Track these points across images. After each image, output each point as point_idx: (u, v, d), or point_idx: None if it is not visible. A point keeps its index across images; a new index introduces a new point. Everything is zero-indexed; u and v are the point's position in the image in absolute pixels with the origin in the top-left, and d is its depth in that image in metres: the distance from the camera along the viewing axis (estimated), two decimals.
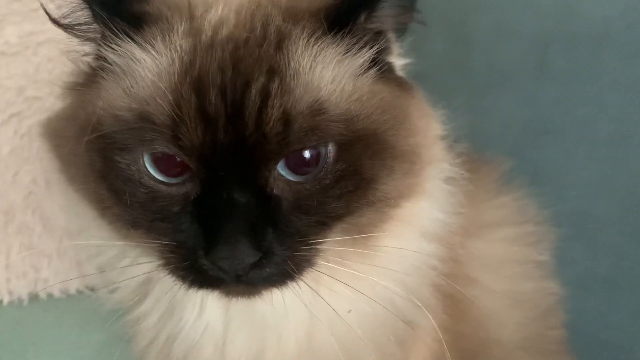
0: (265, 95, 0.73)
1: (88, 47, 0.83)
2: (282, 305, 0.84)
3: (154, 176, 0.77)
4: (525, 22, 1.41)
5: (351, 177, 0.77)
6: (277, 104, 0.73)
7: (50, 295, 1.55)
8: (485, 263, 1.02)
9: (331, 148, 0.77)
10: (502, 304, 1.03)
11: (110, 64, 0.79)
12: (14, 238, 1.49)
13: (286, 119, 0.73)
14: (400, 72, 0.88)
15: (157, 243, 0.78)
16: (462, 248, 0.94)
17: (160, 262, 0.80)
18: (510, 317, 1.04)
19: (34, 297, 1.52)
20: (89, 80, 0.82)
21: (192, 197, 0.77)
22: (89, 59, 0.84)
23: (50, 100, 1.49)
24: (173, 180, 0.77)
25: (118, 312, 0.96)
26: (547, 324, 1.12)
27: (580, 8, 1.33)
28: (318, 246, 0.79)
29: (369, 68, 0.81)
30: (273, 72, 0.74)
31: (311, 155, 0.76)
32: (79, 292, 1.57)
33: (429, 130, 0.87)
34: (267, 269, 0.76)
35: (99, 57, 0.81)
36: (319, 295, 0.81)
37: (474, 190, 0.94)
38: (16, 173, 1.48)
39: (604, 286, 1.33)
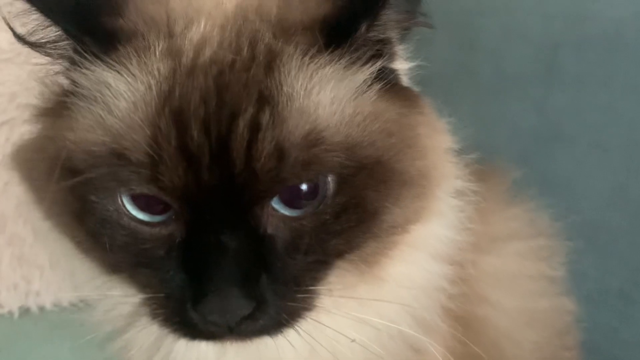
0: (254, 128, 0.65)
1: (58, 66, 0.74)
2: (282, 339, 0.77)
3: (134, 216, 0.69)
4: (534, 25, 1.38)
5: (354, 210, 0.70)
6: (269, 138, 0.65)
7: (42, 308, 1.52)
8: (498, 280, 0.96)
9: (330, 180, 0.69)
10: (517, 323, 0.97)
11: (81, 88, 0.71)
12: (5, 249, 1.46)
13: (279, 154, 0.66)
14: (405, 79, 0.80)
15: (142, 295, 0.73)
16: (473, 265, 0.87)
17: (147, 313, 0.73)
18: (526, 337, 0.98)
19: (25, 311, 1.49)
20: (59, 107, 0.74)
21: (177, 240, 0.69)
22: (60, 79, 0.75)
23: None
24: (156, 219, 0.70)
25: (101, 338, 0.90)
26: (563, 344, 1.06)
27: (590, 10, 1.30)
28: (315, 293, 0.73)
29: (371, 84, 0.72)
30: (263, 100, 0.66)
31: (308, 187, 0.69)
32: (72, 304, 1.53)
33: (438, 147, 0.79)
34: (261, 321, 0.69)
35: (70, 81, 0.73)
36: (321, 324, 0.75)
37: (483, 202, 0.87)
38: (7, 182, 1.45)
39: (617, 301, 1.30)
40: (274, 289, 0.69)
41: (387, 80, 0.74)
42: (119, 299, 0.80)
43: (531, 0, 1.39)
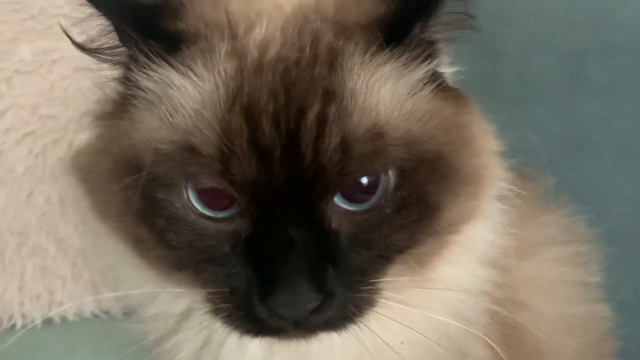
0: (322, 121, 0.67)
1: (116, 72, 0.77)
2: (329, 339, 0.77)
3: (200, 211, 0.70)
4: (559, 33, 1.38)
5: (415, 205, 0.71)
6: (335, 131, 0.67)
7: (64, 319, 1.51)
8: (536, 285, 0.96)
9: (391, 174, 0.70)
10: (557, 330, 0.96)
11: (143, 90, 0.73)
12: (28, 260, 1.46)
13: (345, 147, 0.67)
14: (451, 82, 0.82)
15: (206, 290, 0.73)
16: (516, 270, 0.88)
17: (210, 309, 0.74)
18: (565, 343, 0.97)
19: (47, 321, 1.49)
20: (119, 109, 0.76)
21: (244, 236, 0.70)
22: (117, 85, 0.77)
23: (65, 119, 1.47)
24: (221, 215, 0.71)
25: (139, 341, 0.89)
26: (601, 351, 1.06)
27: (617, 18, 1.30)
28: (379, 285, 0.73)
29: (426, 83, 0.75)
30: (329, 95, 0.68)
31: (369, 182, 0.70)
32: (94, 315, 1.53)
33: (489, 147, 0.81)
34: (328, 313, 0.70)
35: (129, 83, 0.75)
36: (370, 330, 0.75)
37: (524, 206, 0.88)
38: (30, 193, 1.46)
39: None
40: (340, 281, 0.69)
41: (439, 81, 0.76)
42: (168, 303, 0.81)
43: (557, 8, 1.39)
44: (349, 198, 0.70)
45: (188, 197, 0.70)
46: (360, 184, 0.70)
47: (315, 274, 0.68)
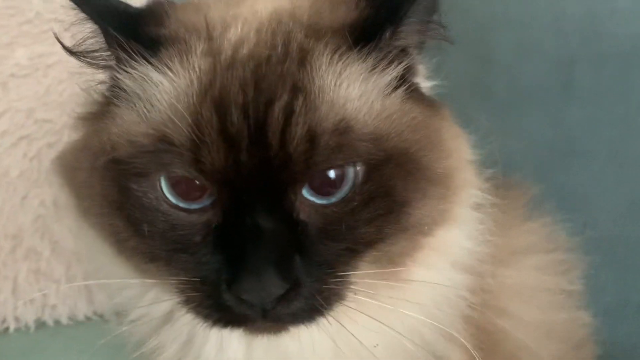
0: (289, 113, 0.71)
1: (102, 75, 0.81)
2: (307, 340, 0.79)
3: (172, 202, 0.73)
4: (549, 40, 1.38)
5: (382, 199, 0.73)
6: (302, 122, 0.70)
7: (57, 322, 1.51)
8: (517, 292, 0.97)
9: (359, 168, 0.73)
10: (535, 335, 0.97)
11: (125, 90, 0.77)
12: (22, 263, 1.47)
13: (311, 137, 0.70)
14: (427, 93, 0.85)
15: (177, 279, 0.74)
16: (493, 277, 0.89)
17: (181, 299, 0.75)
18: (544, 349, 0.98)
19: (40, 324, 1.49)
20: (102, 110, 0.80)
21: (214, 226, 0.73)
22: (102, 87, 0.82)
23: (60, 123, 1.48)
24: (193, 206, 0.73)
25: (130, 345, 0.91)
26: (580, 356, 1.07)
27: (607, 26, 1.31)
28: (348, 278, 0.74)
29: (396, 87, 0.78)
30: (297, 89, 0.72)
31: (336, 176, 0.72)
32: (88, 318, 1.53)
33: (461, 152, 0.83)
34: (295, 303, 0.71)
35: (113, 85, 0.79)
36: (345, 328, 0.77)
37: (502, 216, 0.89)
38: (25, 196, 1.46)
39: (636, 315, 1.29)
40: (307, 271, 0.71)
41: (411, 87, 0.79)
42: (154, 302, 0.82)
43: (546, 17, 1.40)
44: (317, 191, 0.72)
45: (161, 188, 0.73)
46: (328, 177, 0.72)
47: (282, 262, 0.69)
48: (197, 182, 0.72)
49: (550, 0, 1.40)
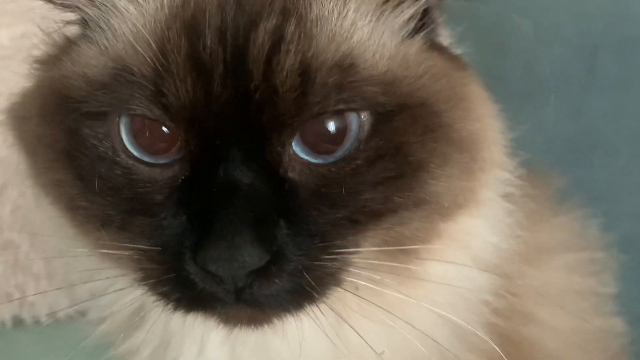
0: (277, 38, 0.60)
1: (70, 15, 0.71)
2: (299, 340, 0.69)
3: (132, 154, 0.63)
4: (570, 25, 1.32)
5: (392, 158, 0.62)
6: (293, 50, 0.60)
7: (36, 320, 1.45)
8: (545, 296, 0.87)
9: (365, 118, 0.62)
10: (566, 345, 0.88)
11: (87, 24, 0.67)
12: None
13: (305, 71, 0.59)
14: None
15: (132, 249, 0.63)
16: (521, 278, 0.80)
17: (137, 275, 0.64)
18: None
19: (18, 322, 1.43)
20: (62, 51, 0.70)
21: (180, 181, 0.62)
22: (65, 29, 0.72)
23: None
24: (157, 161, 0.63)
25: (106, 346, 0.83)
26: None
27: (633, 9, 1.28)
28: (346, 258, 0.63)
29: (415, 33, 0.68)
30: (287, 12, 0.61)
31: (336, 128, 0.62)
32: (69, 317, 1.43)
33: (491, 122, 0.73)
34: (277, 281, 0.59)
35: (77, 21, 0.70)
36: (346, 323, 0.67)
37: (532, 208, 0.80)
38: (3, 186, 1.40)
39: None
40: (295, 242, 0.60)
41: (432, 35, 0.71)
42: (123, 295, 0.72)
43: None
44: (312, 148, 0.62)
45: (119, 134, 0.63)
46: (326, 129, 0.62)
47: (261, 226, 0.58)
48: (164, 130, 0.62)
49: None
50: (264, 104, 0.59)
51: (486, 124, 0.71)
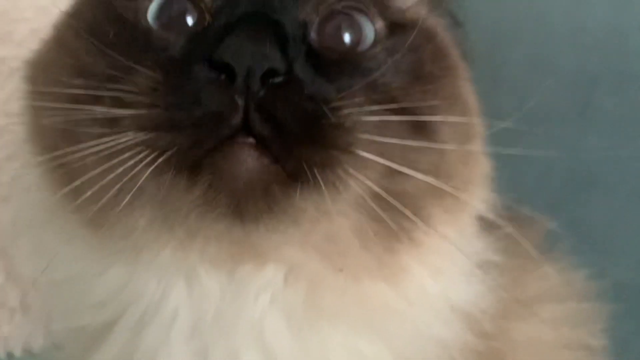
0: None
1: None
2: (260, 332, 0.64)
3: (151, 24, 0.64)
4: (567, 57, 1.30)
5: (407, 58, 0.66)
6: None
7: (10, 355, 1.42)
8: (531, 351, 0.83)
9: (379, 26, 0.66)
10: None
11: None
12: None
13: None
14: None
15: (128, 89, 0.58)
16: (503, 335, 0.76)
17: (125, 124, 0.57)
18: None
19: None
20: None
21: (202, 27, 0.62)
22: None
23: (22, 133, 1.38)
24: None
25: None
26: None
27: (632, 42, 1.25)
28: (357, 129, 0.59)
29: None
30: None
31: (351, 40, 0.65)
32: (44, 350, 1.43)
33: (479, 130, 0.77)
34: (296, 98, 0.56)
35: None
36: (314, 327, 0.64)
37: (512, 260, 0.77)
38: None
39: None
40: (313, 74, 0.59)
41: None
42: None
43: (563, 30, 1.32)
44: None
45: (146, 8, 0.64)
46: (342, 40, 0.64)
47: (283, 40, 0.57)
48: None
49: (567, 12, 1.33)
50: None
51: (475, 125, 0.76)
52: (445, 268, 0.69)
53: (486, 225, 0.74)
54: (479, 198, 0.73)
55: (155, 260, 0.63)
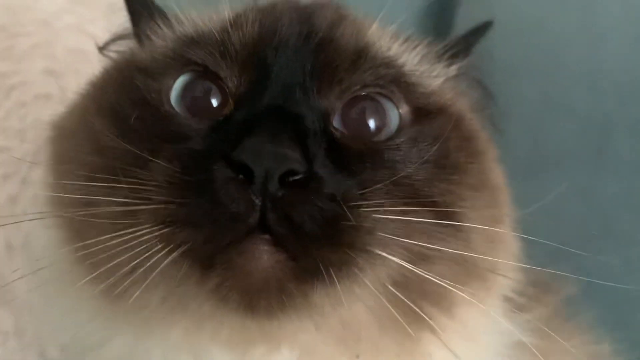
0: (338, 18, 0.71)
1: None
2: None
3: (174, 106, 0.66)
4: (581, 97, 1.28)
5: (431, 147, 0.66)
6: (350, 28, 0.70)
7: None
8: None
9: (404, 112, 0.68)
10: None
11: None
12: None
13: (361, 41, 0.69)
14: None
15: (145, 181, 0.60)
16: None
17: (143, 217, 0.58)
18: None
19: None
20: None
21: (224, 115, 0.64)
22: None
23: (19, 152, 1.36)
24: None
25: None
26: None
27: None
28: (377, 228, 0.59)
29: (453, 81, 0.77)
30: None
31: (375, 126, 0.66)
32: None
33: (506, 218, 0.75)
34: (313, 200, 0.56)
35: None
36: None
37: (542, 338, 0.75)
38: None
39: None
40: (332, 172, 0.59)
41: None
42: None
43: (578, 69, 1.30)
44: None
45: (170, 89, 0.67)
46: (366, 124, 0.66)
47: (304, 139, 0.58)
48: (212, 94, 0.65)
49: (583, 50, 1.30)
50: (322, 49, 0.66)
51: (501, 185, 0.77)
52: (470, 350, 0.68)
53: (516, 306, 0.74)
54: (506, 279, 0.72)
55: (165, 337, 0.64)
